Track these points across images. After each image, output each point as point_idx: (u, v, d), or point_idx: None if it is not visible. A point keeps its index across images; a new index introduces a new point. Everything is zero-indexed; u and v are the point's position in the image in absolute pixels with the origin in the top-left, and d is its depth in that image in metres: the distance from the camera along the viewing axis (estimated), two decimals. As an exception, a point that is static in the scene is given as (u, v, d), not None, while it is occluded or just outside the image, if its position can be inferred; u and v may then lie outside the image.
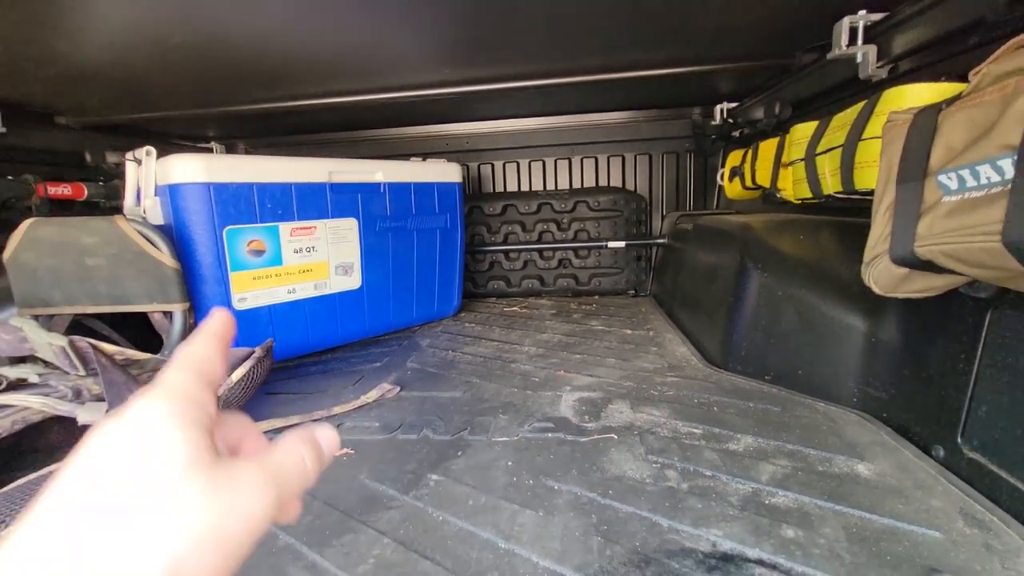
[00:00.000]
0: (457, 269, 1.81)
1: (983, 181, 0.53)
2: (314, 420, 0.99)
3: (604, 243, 2.05)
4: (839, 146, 0.88)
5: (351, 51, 1.26)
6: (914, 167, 0.61)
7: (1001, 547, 0.57)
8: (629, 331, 1.54)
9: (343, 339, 1.52)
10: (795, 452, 0.78)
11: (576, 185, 2.22)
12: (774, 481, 0.70)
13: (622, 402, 1.00)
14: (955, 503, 0.64)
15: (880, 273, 0.68)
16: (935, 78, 0.81)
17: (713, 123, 1.82)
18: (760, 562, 0.55)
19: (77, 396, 0.85)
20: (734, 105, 1.77)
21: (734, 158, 1.55)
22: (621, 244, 2.04)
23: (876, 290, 0.71)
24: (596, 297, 2.10)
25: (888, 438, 0.80)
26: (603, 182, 2.21)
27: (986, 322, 0.67)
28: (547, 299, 2.10)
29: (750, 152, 1.38)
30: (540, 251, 2.13)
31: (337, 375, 1.28)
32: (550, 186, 2.24)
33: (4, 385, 0.85)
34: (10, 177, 1.34)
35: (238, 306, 1.26)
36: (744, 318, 1.14)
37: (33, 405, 0.78)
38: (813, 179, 0.98)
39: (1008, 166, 0.50)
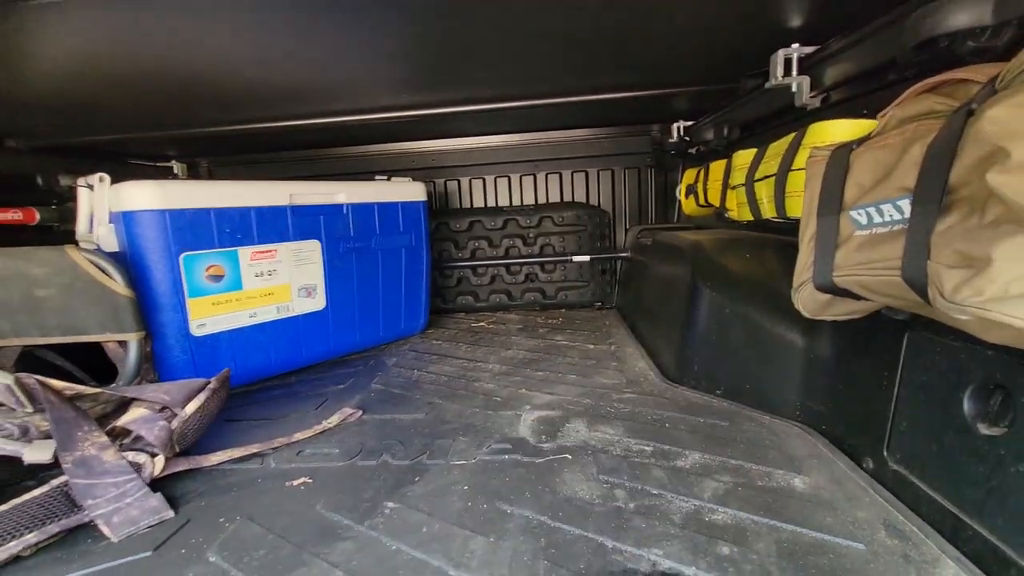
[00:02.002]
0: (423, 286, 1.82)
1: (887, 219, 0.57)
2: (274, 448, 0.99)
3: (569, 257, 2.09)
4: (773, 175, 0.93)
5: (312, 76, 1.27)
6: (831, 201, 0.66)
7: (919, 557, 0.61)
8: (592, 346, 1.58)
9: (308, 361, 1.51)
10: (738, 467, 0.82)
11: (541, 200, 2.26)
12: (715, 498, 0.74)
13: (579, 420, 1.03)
14: (880, 514, 0.68)
15: (806, 298, 0.73)
16: (859, 111, 0.87)
17: (671, 140, 1.88)
18: (695, 580, 0.58)
19: (24, 434, 0.84)
20: (689, 124, 1.84)
21: (689, 175, 1.61)
22: (586, 258, 2.09)
23: (804, 313, 0.76)
24: (563, 310, 2.14)
25: (825, 450, 0.85)
26: (567, 197, 2.26)
27: (904, 342, 0.72)
28: (515, 313, 2.13)
29: (702, 171, 1.44)
30: (507, 266, 2.16)
31: (300, 399, 1.28)
32: (516, 202, 2.28)
33: (-54, 425, 0.83)
34: (-45, 204, 1.30)
35: (197, 332, 1.25)
36: (696, 334, 1.18)
37: (-24, 447, 0.77)
38: (753, 204, 1.03)
39: (906, 206, 0.55)
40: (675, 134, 1.87)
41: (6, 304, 1.07)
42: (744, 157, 1.09)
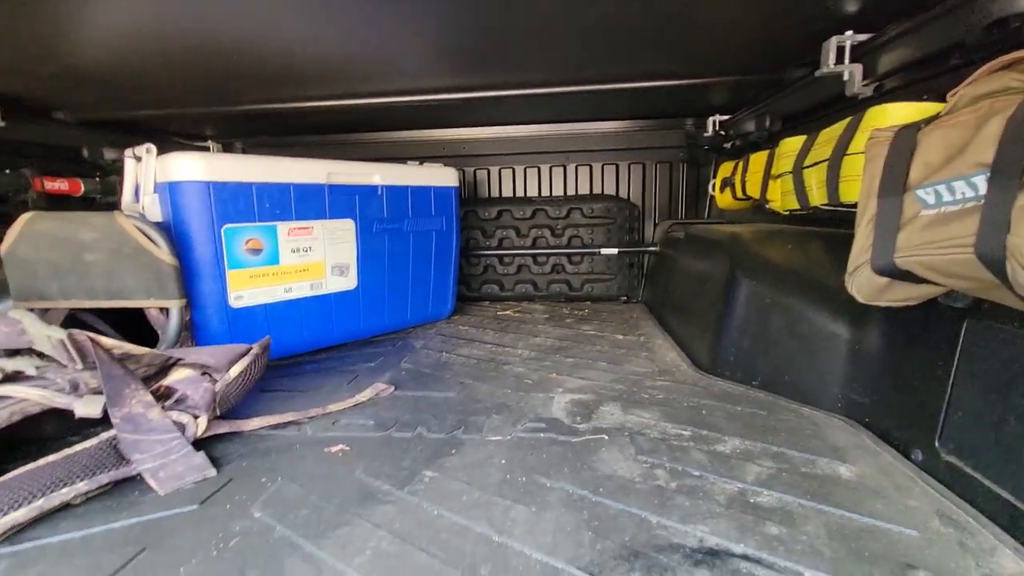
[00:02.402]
0: (452, 272, 1.83)
1: (958, 196, 0.56)
2: (310, 417, 1.00)
3: (597, 250, 2.08)
4: (825, 160, 0.91)
5: (352, 56, 1.28)
6: (894, 182, 0.64)
7: (975, 546, 0.59)
8: (620, 336, 1.57)
9: (338, 339, 1.53)
10: (780, 454, 0.80)
11: (571, 192, 2.26)
12: (759, 481, 0.73)
13: (613, 404, 1.02)
14: (932, 504, 0.67)
15: (862, 282, 0.71)
16: (917, 97, 0.84)
17: (705, 134, 1.86)
18: (745, 557, 0.58)
19: (75, 389, 0.86)
20: (726, 117, 1.82)
21: (725, 169, 1.59)
22: (614, 251, 2.07)
23: (859, 298, 0.74)
24: (588, 303, 2.13)
25: (869, 441, 0.83)
26: (597, 190, 2.24)
27: (962, 331, 0.70)
28: (540, 304, 2.12)
29: (741, 164, 1.42)
30: (534, 256, 2.15)
31: (332, 374, 1.29)
32: (545, 192, 2.27)
33: (1, 377, 0.86)
34: (7, 171, 1.34)
35: (235, 304, 1.27)
36: (733, 325, 1.16)
37: (31, 397, 0.79)
38: (800, 191, 1.02)
39: (981, 183, 0.53)
40: (710, 128, 1.85)
41: (56, 266, 1.10)
42: (792, 144, 1.07)
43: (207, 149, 2.28)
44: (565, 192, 2.26)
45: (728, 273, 1.21)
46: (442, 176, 1.75)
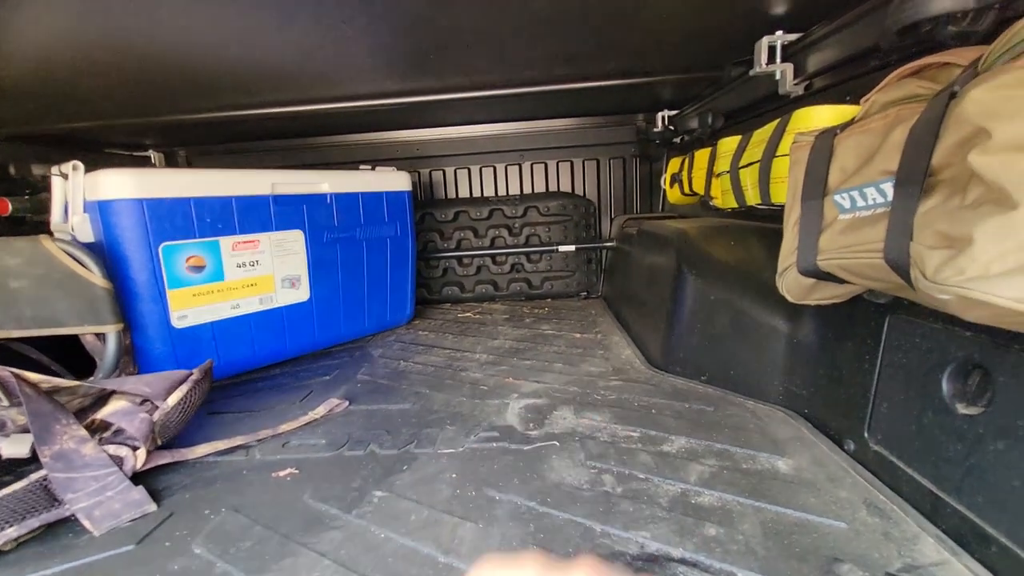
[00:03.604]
0: (409, 277, 1.81)
1: (870, 202, 0.58)
2: (259, 439, 0.98)
3: (555, 247, 2.09)
4: (757, 161, 0.93)
5: (294, 62, 1.24)
6: (815, 186, 0.66)
7: (899, 535, 0.62)
8: (578, 335, 1.58)
9: (292, 353, 1.50)
10: (723, 451, 0.83)
11: (527, 190, 2.26)
12: (701, 481, 0.75)
13: (566, 408, 1.03)
14: (861, 494, 0.70)
15: (791, 283, 0.74)
16: (842, 97, 0.87)
17: (655, 129, 1.89)
18: (683, 561, 0.59)
19: (1, 428, 0.81)
20: (674, 113, 1.84)
21: (674, 164, 1.61)
22: (571, 248, 2.09)
23: (789, 298, 0.77)
24: (548, 300, 2.14)
25: (808, 433, 0.86)
26: (553, 187, 2.25)
27: (885, 326, 0.74)
28: (501, 303, 2.12)
29: (687, 160, 1.44)
30: (493, 256, 2.15)
31: (285, 390, 1.26)
32: (501, 192, 2.26)
33: (-84, 420, 0.81)
34: (-79, 194, 1.26)
35: (178, 324, 1.23)
36: (681, 321, 1.19)
37: (-51, 442, 0.74)
38: (737, 191, 1.04)
39: (889, 189, 0.55)
40: (660, 123, 1.87)
41: (-23, 296, 1.04)
42: (728, 144, 1.10)
43: (148, 160, 2.19)
44: (521, 191, 2.26)
45: (676, 269, 1.23)
46: (394, 181, 1.73)
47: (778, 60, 1.05)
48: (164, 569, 0.63)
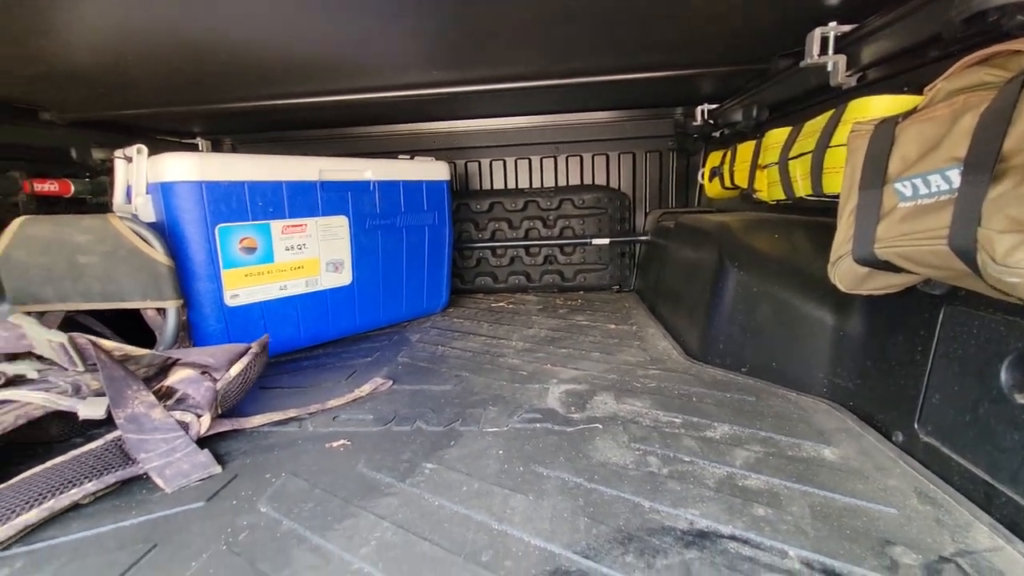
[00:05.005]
0: (445, 266, 1.84)
1: (933, 189, 0.58)
2: (310, 413, 1.02)
3: (589, 240, 2.10)
4: (809, 152, 0.93)
5: (339, 53, 1.28)
6: (874, 175, 0.66)
7: (951, 522, 0.62)
8: (613, 326, 1.59)
9: (334, 335, 1.54)
10: (767, 439, 0.83)
11: (561, 183, 2.27)
12: (747, 465, 0.76)
13: (606, 394, 1.05)
14: (911, 483, 0.70)
15: (844, 272, 0.74)
16: (898, 88, 0.86)
17: (694, 123, 1.88)
18: (733, 538, 0.60)
19: (77, 392, 0.87)
20: (714, 106, 1.83)
21: (714, 158, 1.61)
22: (605, 241, 2.09)
23: (841, 287, 0.77)
24: (581, 293, 2.15)
25: (853, 425, 0.86)
26: (588, 180, 2.26)
27: (940, 317, 0.73)
28: (533, 295, 2.14)
29: (729, 153, 1.44)
30: (526, 248, 2.17)
31: (329, 370, 1.31)
32: (536, 184, 2.28)
33: (3, 381, 0.87)
34: (-4, 174, 1.34)
35: (230, 303, 1.28)
36: (722, 313, 1.19)
37: (35, 400, 0.80)
38: (786, 182, 1.04)
39: (955, 176, 0.55)
40: (699, 117, 1.86)
41: (51, 270, 1.10)
42: (777, 136, 1.09)
43: (196, 147, 2.26)
44: (556, 183, 2.27)
45: (717, 262, 1.23)
46: (434, 170, 1.76)
47: (831, 51, 1.04)
48: (234, 524, 0.67)
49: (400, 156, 1.80)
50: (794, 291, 1.05)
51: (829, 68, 1.06)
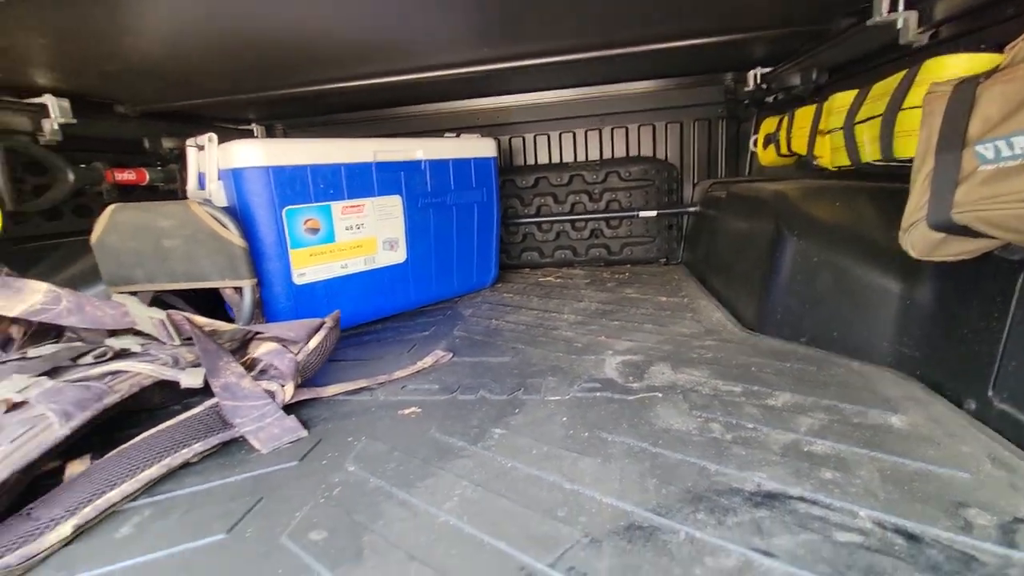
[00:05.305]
0: (494, 241, 1.88)
1: (1017, 151, 0.56)
2: (379, 383, 1.08)
3: (636, 213, 2.09)
4: (879, 115, 0.90)
5: (390, 35, 1.30)
6: (953, 137, 0.65)
7: (1026, 487, 0.62)
8: (664, 298, 1.60)
9: (391, 310, 1.61)
10: (831, 406, 0.84)
11: (607, 155, 2.25)
12: (812, 432, 0.77)
13: (663, 364, 1.07)
14: (984, 449, 0.70)
15: (917, 238, 0.72)
16: (974, 46, 0.82)
17: (746, 89, 1.82)
18: (802, 499, 0.62)
19: (175, 363, 0.96)
20: (768, 70, 1.76)
21: (768, 125, 1.56)
22: (652, 213, 2.08)
23: (913, 254, 0.76)
24: (628, 266, 2.15)
25: (921, 392, 0.86)
26: (634, 152, 2.23)
27: (1019, 282, 0.71)
28: (580, 269, 2.16)
29: (786, 119, 1.39)
30: (572, 222, 2.18)
31: (389, 343, 1.37)
32: (581, 157, 2.27)
33: (111, 355, 0.96)
34: (83, 165, 1.44)
35: (298, 281, 1.35)
36: (779, 283, 1.18)
37: (144, 371, 0.88)
38: (852, 147, 1.01)
39: (1043, 136, 0.54)
40: (751, 82, 1.80)
41: (140, 253, 1.20)
42: (842, 99, 1.06)
43: (251, 132, 2.36)
44: (601, 156, 2.25)
45: (774, 231, 1.22)
46: (481, 147, 1.78)
47: (901, 7, 0.99)
48: (327, 480, 0.74)
49: (446, 134, 1.83)
50: (857, 259, 1.03)
51: (899, 25, 1.01)
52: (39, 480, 0.74)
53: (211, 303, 1.37)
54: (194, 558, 0.61)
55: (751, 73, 1.80)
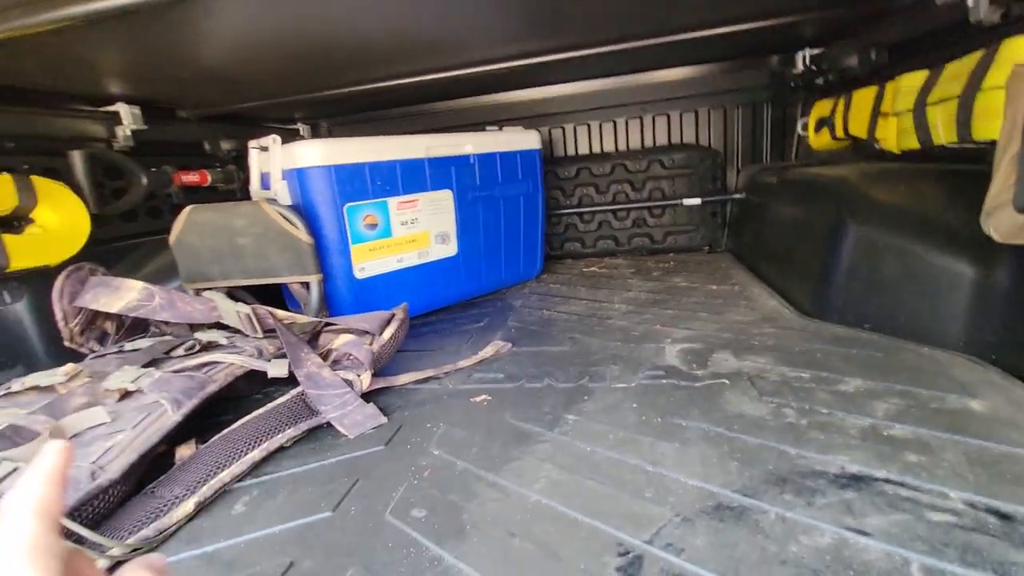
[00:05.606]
0: (539, 233, 1.90)
1: (1120, 131, 0.56)
2: (445, 372, 1.12)
3: (679, 201, 2.08)
4: (954, 97, 0.89)
5: (427, 33, 1.31)
6: (1043, 118, 0.64)
7: (1119, 470, 0.62)
8: (714, 286, 1.60)
9: (443, 303, 1.65)
10: (905, 392, 0.84)
11: (649, 143, 2.24)
12: (889, 416, 0.77)
13: (725, 351, 1.08)
14: (1071, 433, 0.69)
15: (1002, 221, 0.72)
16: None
17: (795, 71, 1.78)
18: (888, 481, 0.63)
19: (260, 355, 1.01)
20: (818, 51, 1.73)
21: (821, 107, 1.53)
22: (697, 201, 2.06)
23: (996, 237, 0.75)
24: (671, 255, 2.15)
25: (998, 378, 0.85)
26: (676, 139, 2.21)
27: (1110, 264, 0.70)
28: (622, 258, 2.16)
29: (842, 101, 1.37)
30: (614, 211, 2.18)
31: (447, 335, 1.41)
32: (623, 146, 2.26)
33: (199, 347, 1.03)
34: (154, 168, 1.52)
35: (359, 275, 1.41)
36: (841, 269, 1.17)
37: (237, 362, 0.94)
38: (922, 129, 0.99)
39: None
40: (800, 64, 1.77)
41: (216, 251, 1.26)
42: (911, 80, 1.04)
43: (297, 132, 2.42)
44: (643, 144, 2.24)
45: (836, 217, 1.21)
46: (526, 140, 1.80)
47: (972, -16, 0.97)
48: (416, 463, 0.78)
49: (487, 127, 1.85)
50: (926, 244, 1.01)
51: (970, 3, 0.98)
52: (152, 463, 0.81)
53: (274, 298, 1.43)
54: (307, 533, 0.65)
55: (800, 55, 1.76)
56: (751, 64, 2.05)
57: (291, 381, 0.97)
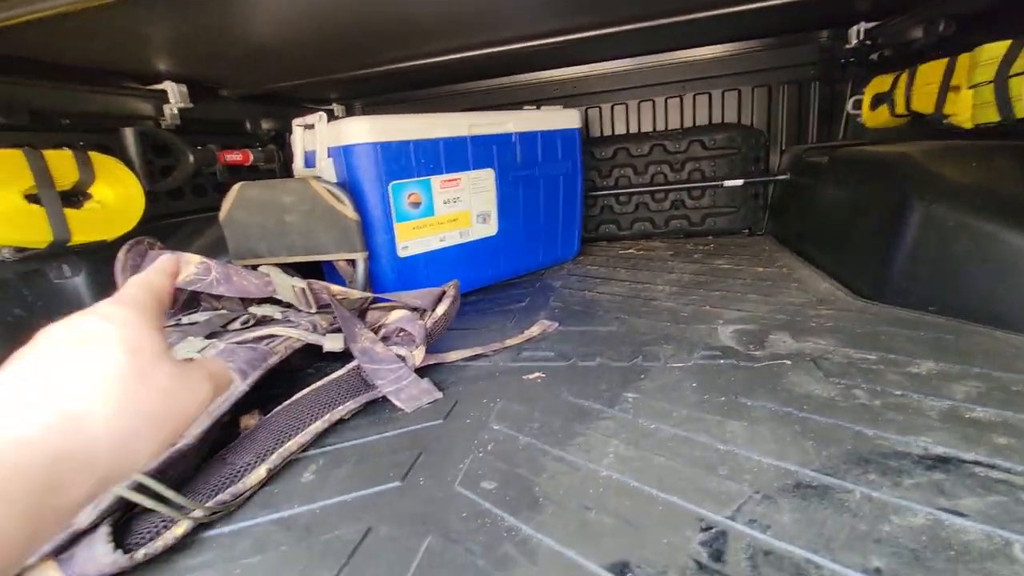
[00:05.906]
0: (578, 214, 1.87)
1: None
2: (494, 350, 1.12)
3: (720, 182, 2.03)
4: (1044, 65, 0.84)
5: (468, 10, 1.29)
6: None
7: None
8: (760, 268, 1.56)
9: (483, 282, 1.65)
10: (983, 375, 0.81)
11: (689, 123, 2.18)
12: (969, 399, 0.74)
13: (782, 332, 1.05)
14: None
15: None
16: None
17: (848, 46, 1.71)
18: (977, 463, 0.61)
19: (315, 329, 1.02)
20: (873, 24, 1.65)
21: (879, 83, 1.47)
22: (739, 182, 2.01)
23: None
24: (710, 237, 2.11)
25: (1083, 362, 0.81)
26: (717, 118, 2.15)
27: None
28: (660, 241, 2.13)
29: (904, 76, 1.31)
30: (652, 193, 2.14)
31: (491, 314, 1.41)
32: (661, 126, 2.21)
33: (254, 321, 1.04)
34: (199, 147, 1.53)
35: (402, 254, 1.40)
36: (904, 250, 1.13)
37: (294, 335, 0.95)
38: (1004, 102, 0.94)
39: None
40: (854, 38, 1.69)
41: (264, 227, 1.27)
42: (992, 51, 0.98)
43: (332, 112, 2.42)
44: (682, 124, 2.19)
45: (899, 196, 1.16)
46: (567, 119, 1.77)
47: (1064, -55, 0.91)
48: (478, 437, 0.78)
49: (525, 106, 1.82)
50: (1001, 223, 0.97)
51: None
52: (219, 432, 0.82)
53: (314, 276, 1.44)
54: (379, 500, 0.66)
55: (853, 29, 1.69)
56: (798, 40, 1.98)
57: (343, 356, 0.98)
